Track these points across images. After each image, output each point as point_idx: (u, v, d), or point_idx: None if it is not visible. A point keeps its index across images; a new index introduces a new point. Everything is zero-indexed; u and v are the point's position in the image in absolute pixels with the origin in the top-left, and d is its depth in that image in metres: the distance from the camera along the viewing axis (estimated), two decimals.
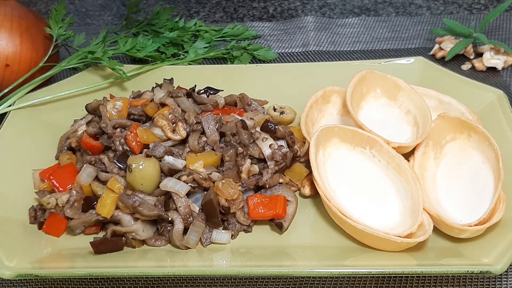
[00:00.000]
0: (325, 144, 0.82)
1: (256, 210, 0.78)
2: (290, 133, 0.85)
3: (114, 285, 0.77)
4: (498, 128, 0.85)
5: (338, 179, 0.80)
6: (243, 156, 0.80)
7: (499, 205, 0.73)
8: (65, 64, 0.99)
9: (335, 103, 0.94)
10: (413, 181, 0.76)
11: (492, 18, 1.12)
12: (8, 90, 0.95)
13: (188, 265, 0.72)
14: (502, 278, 0.76)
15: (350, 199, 0.78)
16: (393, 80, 0.90)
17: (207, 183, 0.77)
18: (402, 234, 0.71)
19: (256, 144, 0.82)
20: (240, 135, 0.81)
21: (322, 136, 0.81)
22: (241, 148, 0.81)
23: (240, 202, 0.77)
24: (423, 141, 0.83)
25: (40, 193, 0.81)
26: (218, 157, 0.80)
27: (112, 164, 0.80)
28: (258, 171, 0.81)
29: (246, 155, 0.81)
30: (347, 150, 0.83)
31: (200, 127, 0.82)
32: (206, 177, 0.77)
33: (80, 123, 0.89)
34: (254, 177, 0.80)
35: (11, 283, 0.78)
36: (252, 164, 0.80)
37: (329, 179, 0.80)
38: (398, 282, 0.75)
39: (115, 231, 0.76)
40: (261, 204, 0.78)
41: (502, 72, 1.11)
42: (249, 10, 1.38)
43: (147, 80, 1.01)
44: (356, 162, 0.82)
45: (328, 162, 0.82)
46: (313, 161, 0.78)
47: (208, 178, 0.77)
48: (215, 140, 0.82)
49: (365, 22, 1.30)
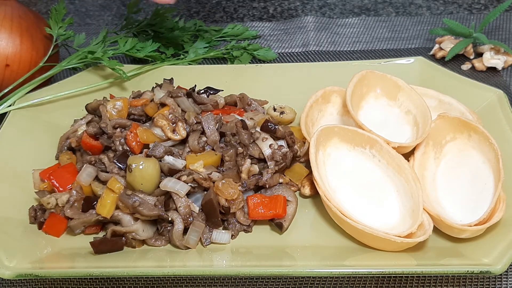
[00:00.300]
0: (325, 144, 0.82)
1: (256, 210, 0.78)
2: (290, 133, 0.85)
3: (114, 285, 0.77)
4: (498, 128, 0.85)
5: (338, 179, 0.80)
6: (243, 156, 0.80)
7: (499, 205, 0.73)
8: (65, 64, 0.99)
9: (335, 103, 0.94)
10: (413, 181, 0.76)
11: (492, 18, 1.12)
12: (8, 90, 0.95)
13: (188, 265, 0.72)
14: (502, 278, 0.76)
15: (350, 199, 0.78)
16: (393, 80, 0.90)
17: (207, 183, 0.77)
18: (402, 234, 0.71)
19: (256, 144, 0.82)
20: (240, 135, 0.81)
21: (322, 136, 0.81)
22: (241, 148, 0.81)
23: (240, 202, 0.77)
24: (423, 141, 0.83)
25: (40, 193, 0.81)
26: (218, 157, 0.80)
27: (112, 164, 0.80)
28: (258, 171, 0.81)
29: (246, 155, 0.81)
30: (347, 150, 0.83)
31: (200, 127, 0.82)
32: (206, 177, 0.77)
33: (80, 123, 0.89)
34: (254, 177, 0.80)
35: (11, 283, 0.78)
36: (252, 164, 0.80)
37: (329, 179, 0.80)
38: (398, 282, 0.75)
39: (115, 231, 0.76)
40: (261, 204, 0.78)
41: (502, 72, 1.11)
42: (249, 10, 1.38)
43: (147, 80, 1.01)
44: (356, 162, 0.82)
45: (328, 162, 0.82)
46: (313, 161, 0.78)
47: (208, 178, 0.77)
48: (215, 140, 0.82)
49: (365, 22, 1.30)
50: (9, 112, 0.91)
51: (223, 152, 0.81)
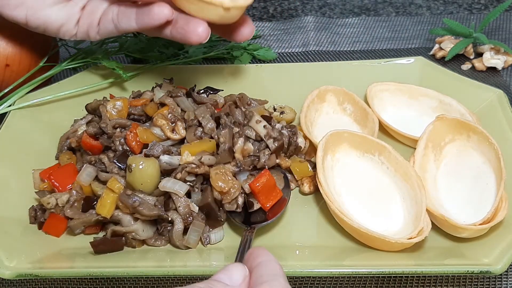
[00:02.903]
0: (334, 149, 0.82)
1: (266, 194, 0.77)
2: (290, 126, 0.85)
3: (114, 285, 0.77)
4: (498, 128, 0.85)
5: (345, 185, 0.80)
6: (239, 135, 0.80)
7: (502, 204, 0.74)
8: (65, 64, 0.99)
9: (331, 102, 0.95)
10: (418, 188, 0.76)
11: (492, 18, 1.12)
12: (8, 90, 0.95)
13: (188, 265, 0.72)
14: (502, 278, 0.76)
15: (355, 205, 0.78)
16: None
17: (201, 169, 0.76)
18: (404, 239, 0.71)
19: (250, 127, 0.82)
20: (233, 114, 0.81)
21: (331, 141, 0.81)
22: (237, 128, 0.80)
23: (235, 192, 0.76)
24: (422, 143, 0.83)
25: (40, 193, 0.81)
26: (213, 143, 0.79)
27: (112, 164, 0.80)
28: (255, 150, 0.81)
29: (241, 135, 0.80)
30: (357, 156, 0.83)
31: (196, 121, 0.82)
32: (198, 164, 0.76)
33: (80, 123, 0.89)
34: (250, 158, 0.79)
35: (11, 283, 0.78)
36: (246, 143, 0.80)
37: (336, 184, 0.80)
38: (398, 282, 0.75)
39: (115, 231, 0.76)
40: (266, 185, 0.77)
41: (502, 72, 1.11)
42: (249, 10, 1.38)
43: (147, 80, 1.01)
44: (365, 169, 0.82)
45: (336, 167, 0.82)
46: (319, 164, 0.78)
47: (200, 164, 0.76)
48: (211, 128, 0.81)
49: (365, 22, 1.30)
50: (9, 112, 0.91)
51: (217, 134, 0.80)
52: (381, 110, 0.93)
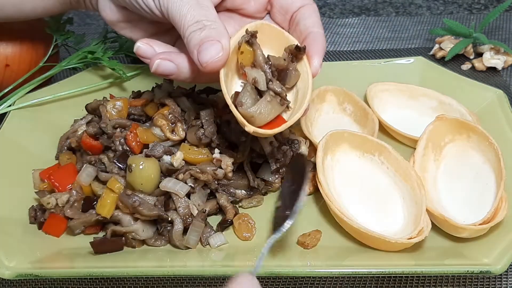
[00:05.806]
0: (334, 149, 0.82)
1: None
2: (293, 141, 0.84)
3: (114, 285, 0.77)
4: (498, 128, 0.85)
5: (345, 185, 0.80)
6: None
7: (501, 204, 0.74)
8: (65, 64, 0.99)
9: (331, 102, 0.95)
10: (418, 188, 0.76)
11: (492, 18, 1.12)
12: (8, 90, 0.95)
13: (188, 265, 0.72)
14: (502, 278, 0.76)
15: (356, 205, 0.78)
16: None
17: (203, 176, 0.76)
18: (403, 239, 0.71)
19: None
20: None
21: (331, 141, 0.81)
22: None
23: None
24: (422, 143, 0.83)
25: (40, 193, 0.81)
26: (210, 159, 0.79)
27: (112, 164, 0.80)
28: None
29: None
30: (357, 156, 0.83)
31: (199, 122, 0.81)
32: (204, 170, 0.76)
33: (80, 123, 0.89)
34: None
35: (11, 283, 0.78)
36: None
37: (336, 184, 0.80)
38: (398, 282, 0.75)
39: (115, 231, 0.76)
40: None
41: (502, 72, 1.11)
42: None
43: (147, 80, 1.01)
44: (365, 169, 0.82)
45: (336, 167, 0.82)
46: (319, 164, 0.78)
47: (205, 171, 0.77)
48: (212, 132, 0.80)
49: (365, 22, 1.30)
50: (9, 112, 0.91)
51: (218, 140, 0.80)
52: (381, 110, 0.93)
